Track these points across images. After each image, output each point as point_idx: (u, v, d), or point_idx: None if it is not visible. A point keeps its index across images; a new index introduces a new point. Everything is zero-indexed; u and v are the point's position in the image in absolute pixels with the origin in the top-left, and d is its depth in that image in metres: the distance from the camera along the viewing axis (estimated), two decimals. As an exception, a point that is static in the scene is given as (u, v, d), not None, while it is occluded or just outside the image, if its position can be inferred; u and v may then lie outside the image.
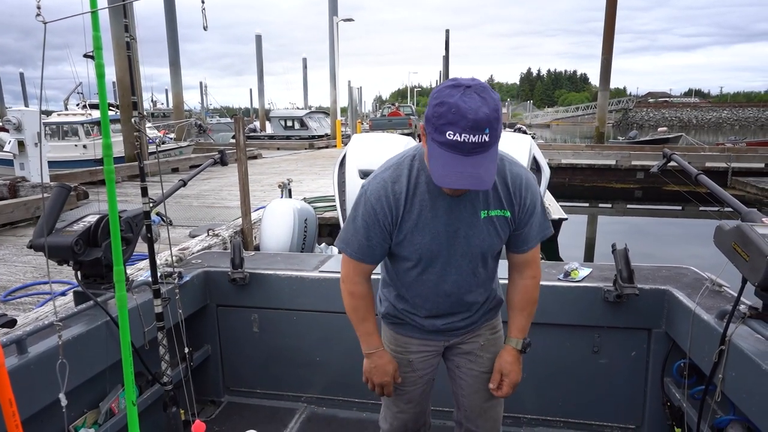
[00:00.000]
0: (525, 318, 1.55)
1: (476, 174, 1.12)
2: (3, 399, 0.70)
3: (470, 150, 1.11)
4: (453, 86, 1.13)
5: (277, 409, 2.63)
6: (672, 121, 58.10)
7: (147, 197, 1.46)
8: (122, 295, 0.97)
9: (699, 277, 2.25)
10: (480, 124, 1.09)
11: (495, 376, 1.55)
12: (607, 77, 20.16)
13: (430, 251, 1.40)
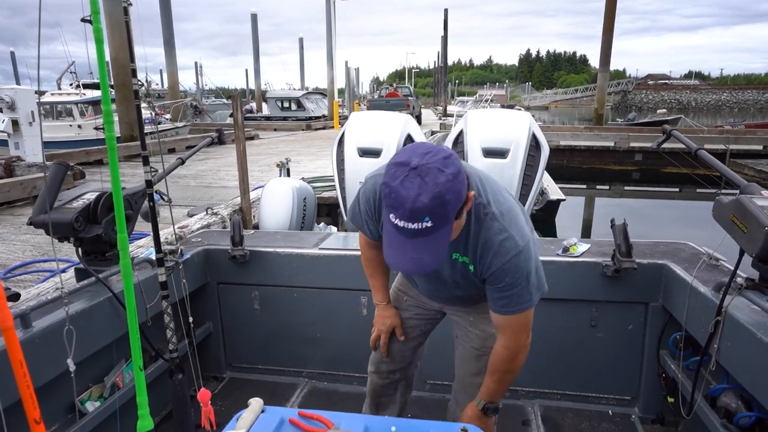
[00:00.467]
0: (493, 382, 1.49)
1: (417, 258, 1.12)
2: (14, 361, 0.71)
3: (412, 235, 1.09)
4: (400, 164, 1.09)
5: (279, 384, 2.67)
6: (671, 103, 57.90)
7: (149, 166, 1.45)
8: (126, 262, 0.97)
9: (696, 252, 2.28)
10: (417, 213, 1.05)
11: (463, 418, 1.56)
12: (607, 58, 20.00)
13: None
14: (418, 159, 1.08)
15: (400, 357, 1.82)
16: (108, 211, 1.99)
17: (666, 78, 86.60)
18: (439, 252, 1.12)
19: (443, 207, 1.07)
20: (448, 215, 1.09)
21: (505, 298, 1.33)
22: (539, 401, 2.47)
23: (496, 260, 1.28)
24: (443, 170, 1.07)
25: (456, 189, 1.08)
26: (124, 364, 2.08)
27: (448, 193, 1.06)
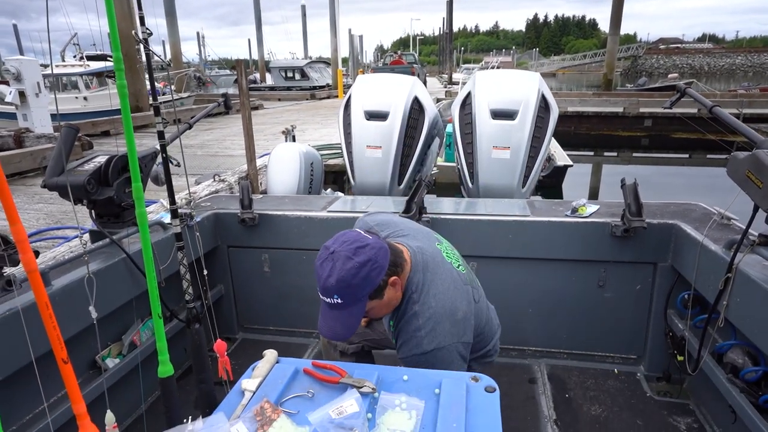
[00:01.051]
0: None
1: (332, 327, 1.31)
2: (40, 303, 0.73)
3: (329, 307, 1.29)
4: (325, 248, 1.30)
5: (290, 345, 2.73)
6: (683, 68, 56.44)
7: (160, 116, 1.44)
8: (142, 211, 0.99)
9: (707, 212, 2.27)
10: (328, 291, 1.26)
11: None
12: (617, 21, 19.44)
13: None
14: (336, 246, 1.28)
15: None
16: (119, 173, 2.01)
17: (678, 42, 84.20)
18: (350, 325, 1.30)
19: (349, 289, 1.25)
20: (356, 296, 1.27)
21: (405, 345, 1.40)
22: (545, 360, 2.52)
23: (403, 349, 1.39)
24: (351, 258, 1.26)
25: (363, 275, 1.26)
26: (140, 324, 2.13)
27: (353, 279, 1.25)
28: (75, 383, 0.77)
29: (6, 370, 1.47)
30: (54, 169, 1.95)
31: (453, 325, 1.39)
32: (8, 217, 0.69)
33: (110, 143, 9.09)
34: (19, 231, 0.68)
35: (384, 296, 1.34)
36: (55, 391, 1.72)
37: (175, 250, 1.80)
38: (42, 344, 1.18)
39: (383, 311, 1.40)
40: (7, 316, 1.46)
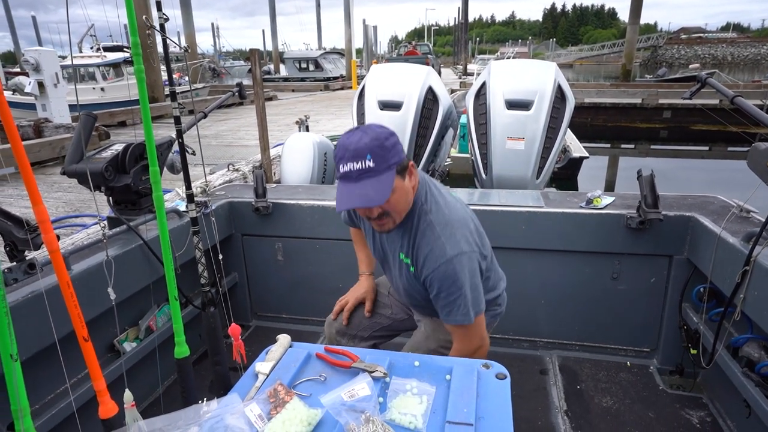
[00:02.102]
0: None
1: (363, 193, 1.25)
2: (61, 282, 0.76)
3: (358, 176, 1.25)
4: (347, 132, 1.32)
5: (302, 332, 2.76)
6: (705, 58, 55.12)
7: (177, 102, 1.46)
8: (159, 195, 1.00)
9: (726, 205, 2.23)
10: (360, 152, 1.24)
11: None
12: (637, 9, 19.03)
13: (375, 253, 1.64)
14: (363, 126, 1.31)
15: (355, 329, 1.83)
16: (136, 161, 2.04)
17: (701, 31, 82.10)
18: (382, 192, 1.26)
19: (382, 149, 1.25)
20: (387, 159, 1.26)
21: (445, 307, 1.39)
22: (557, 352, 2.51)
23: (427, 264, 1.38)
24: (382, 128, 1.30)
25: (394, 142, 1.29)
26: (156, 309, 2.18)
27: (386, 140, 1.26)
28: (95, 361, 0.80)
29: (28, 351, 1.52)
30: (73, 156, 1.99)
31: (470, 233, 1.41)
32: (31, 198, 0.71)
33: (127, 133, 9.21)
34: (42, 212, 0.70)
35: (406, 179, 1.34)
36: (76, 371, 1.77)
37: (190, 237, 1.83)
38: (63, 326, 1.21)
39: (401, 204, 1.35)
40: (30, 298, 1.50)
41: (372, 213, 1.33)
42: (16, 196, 4.87)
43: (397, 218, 1.38)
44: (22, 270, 1.44)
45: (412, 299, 1.59)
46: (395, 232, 1.46)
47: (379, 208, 1.31)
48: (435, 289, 1.39)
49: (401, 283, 1.54)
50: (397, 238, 1.47)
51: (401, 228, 1.44)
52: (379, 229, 1.41)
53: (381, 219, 1.36)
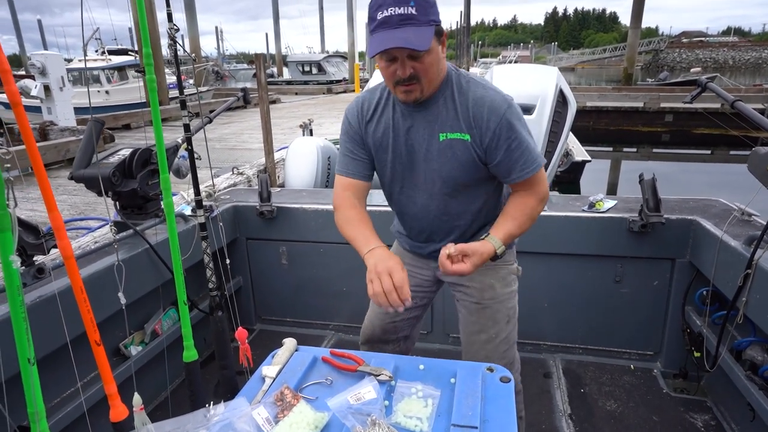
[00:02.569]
0: (513, 225, 1.38)
1: (403, 37, 1.15)
2: (75, 287, 0.77)
3: (398, 22, 1.16)
4: None
5: (307, 336, 2.77)
6: (707, 62, 55.11)
7: (186, 109, 1.49)
8: (169, 201, 1.02)
9: (727, 208, 2.24)
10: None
11: (459, 246, 1.29)
12: (639, 13, 19.05)
13: (394, 170, 1.43)
14: None
15: (394, 329, 1.68)
16: (142, 166, 2.06)
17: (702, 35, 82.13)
18: (423, 39, 1.17)
19: (425, 1, 1.18)
20: (429, 14, 1.18)
21: (521, 156, 1.31)
22: (561, 355, 2.52)
23: (492, 116, 1.28)
24: None
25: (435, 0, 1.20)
26: (162, 313, 2.20)
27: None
28: (107, 365, 0.81)
29: (38, 353, 1.54)
30: (81, 161, 2.01)
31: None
32: (47, 205, 0.72)
33: (131, 136, 9.26)
34: (57, 218, 0.72)
35: (440, 44, 1.26)
36: (85, 374, 1.79)
37: (196, 241, 1.85)
38: (72, 329, 1.23)
39: (433, 69, 1.25)
40: (38, 302, 1.52)
41: (404, 70, 1.22)
42: (21, 198, 4.91)
43: (426, 87, 1.27)
44: (31, 274, 1.46)
45: (451, 211, 1.43)
46: (429, 113, 1.33)
47: (411, 66, 1.21)
48: (506, 142, 1.29)
49: (442, 174, 1.36)
50: (433, 119, 1.33)
51: (436, 104, 1.33)
52: (404, 97, 1.28)
53: (410, 83, 1.24)
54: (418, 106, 1.34)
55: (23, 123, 0.71)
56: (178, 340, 2.05)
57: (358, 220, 1.40)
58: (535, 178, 1.37)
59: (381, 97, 1.43)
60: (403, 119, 1.38)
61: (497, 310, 1.55)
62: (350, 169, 1.46)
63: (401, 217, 1.57)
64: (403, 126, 1.38)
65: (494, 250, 1.34)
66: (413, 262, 1.63)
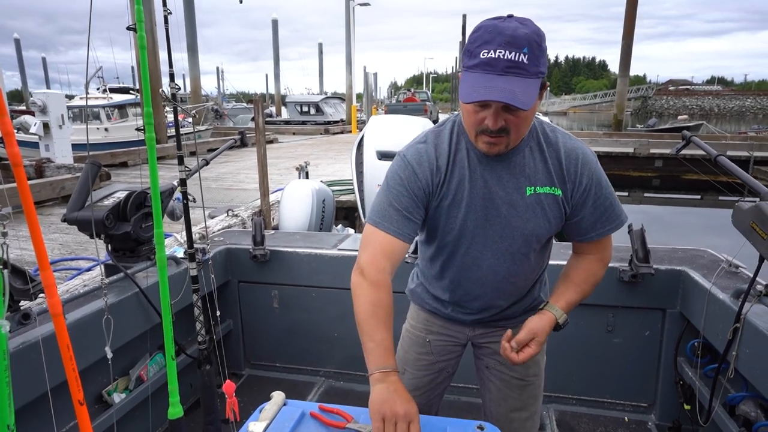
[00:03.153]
0: (576, 294, 1.31)
1: (508, 89, 1.00)
2: (62, 345, 0.77)
3: (505, 68, 1.01)
4: (493, 18, 1.07)
5: (297, 382, 2.72)
6: (693, 109, 56.83)
7: (183, 165, 1.51)
8: (162, 256, 1.03)
9: (715, 259, 2.26)
10: (518, 40, 1.00)
11: (522, 334, 1.22)
12: (627, 63, 19.78)
13: (464, 228, 1.25)
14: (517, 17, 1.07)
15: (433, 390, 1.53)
16: (137, 209, 2.07)
17: (688, 84, 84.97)
18: (529, 95, 1.02)
19: (540, 48, 1.04)
20: (539, 64, 1.04)
21: (605, 214, 1.25)
22: (554, 405, 2.47)
23: (585, 169, 1.21)
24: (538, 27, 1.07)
25: (545, 48, 1.07)
26: (148, 358, 2.15)
27: (543, 41, 1.05)
28: (89, 425, 0.80)
29: (17, 402, 1.50)
30: (75, 203, 2.02)
31: None
32: (39, 263, 0.73)
33: (128, 174, 9.31)
34: (48, 276, 0.73)
35: (540, 97, 1.12)
36: (63, 423, 1.73)
37: (187, 285, 1.83)
38: (54, 378, 1.21)
39: (526, 124, 1.13)
40: (21, 349, 1.49)
41: (495, 121, 1.07)
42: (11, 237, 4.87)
43: (512, 141, 1.14)
44: (16, 320, 1.44)
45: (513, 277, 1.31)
46: (512, 164, 1.20)
47: (504, 118, 1.07)
48: (599, 194, 1.22)
49: (525, 231, 1.24)
50: (518, 171, 1.20)
51: (521, 153, 1.20)
52: (486, 148, 1.14)
53: (497, 136, 1.10)
54: (501, 156, 1.19)
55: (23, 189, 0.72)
56: (163, 387, 2.01)
57: (384, 314, 1.17)
58: (610, 238, 1.32)
59: (452, 142, 1.24)
60: (482, 167, 1.22)
61: (538, 386, 1.47)
62: (402, 228, 1.20)
63: (456, 282, 1.36)
64: (481, 176, 1.22)
65: (556, 321, 1.27)
66: (445, 329, 1.46)
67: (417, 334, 1.51)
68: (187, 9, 19.96)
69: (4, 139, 0.68)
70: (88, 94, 14.18)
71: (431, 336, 1.48)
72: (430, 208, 1.26)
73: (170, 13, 1.37)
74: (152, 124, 1.07)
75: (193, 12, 20.09)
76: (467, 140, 1.22)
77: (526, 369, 1.43)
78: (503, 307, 1.39)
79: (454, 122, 1.27)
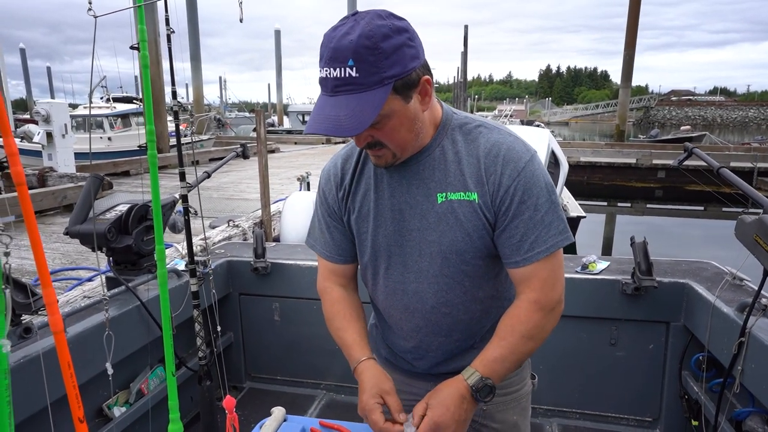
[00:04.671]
0: (500, 349, 1.04)
1: (333, 117, 0.89)
2: (62, 363, 0.77)
3: (333, 88, 0.89)
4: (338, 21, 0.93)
5: (297, 396, 2.70)
6: (695, 119, 56.95)
7: (185, 181, 1.52)
8: (163, 272, 1.03)
9: (719, 271, 2.25)
10: (340, 53, 0.86)
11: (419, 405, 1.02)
12: (629, 73, 19.87)
13: (375, 244, 1.11)
14: (362, 12, 0.91)
15: None
16: (139, 222, 2.08)
17: (690, 94, 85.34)
18: (363, 116, 0.88)
19: (373, 54, 0.86)
20: (379, 71, 0.87)
21: (531, 231, 1.00)
22: (557, 420, 2.45)
23: (507, 169, 0.99)
24: (384, 18, 0.89)
25: (395, 43, 0.88)
26: (149, 372, 2.14)
27: (382, 41, 0.87)
28: (88, 443, 0.79)
29: (17, 417, 1.49)
30: (77, 216, 2.03)
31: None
32: (41, 281, 0.73)
33: (130, 183, 9.35)
34: (50, 294, 0.72)
35: (412, 101, 0.94)
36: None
37: (188, 298, 1.83)
38: (54, 392, 1.20)
39: (401, 134, 0.97)
40: (22, 363, 1.49)
41: (358, 140, 0.98)
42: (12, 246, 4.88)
43: (397, 150, 0.99)
44: (17, 335, 1.44)
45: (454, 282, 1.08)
46: (421, 168, 1.05)
47: (368, 134, 0.95)
48: (524, 204, 0.99)
49: (442, 247, 1.05)
50: (428, 175, 1.04)
51: (430, 156, 1.04)
52: (375, 161, 1.03)
53: (375, 149, 0.99)
54: (408, 160, 1.05)
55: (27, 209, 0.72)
56: (163, 401, 1.99)
57: (341, 318, 1.17)
58: (551, 264, 1.03)
59: (360, 158, 1.13)
60: (388, 176, 1.08)
61: None
62: (331, 251, 1.18)
63: (387, 312, 1.19)
64: (388, 185, 1.08)
65: (463, 383, 1.01)
66: (406, 384, 1.24)
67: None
68: (191, 20, 20.17)
69: (8, 159, 0.69)
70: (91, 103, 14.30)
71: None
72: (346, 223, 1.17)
73: (173, 32, 1.38)
74: (154, 141, 1.08)
75: (196, 23, 20.31)
76: None
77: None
78: (449, 342, 1.16)
79: None
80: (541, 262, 1.02)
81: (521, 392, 1.25)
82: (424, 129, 1.01)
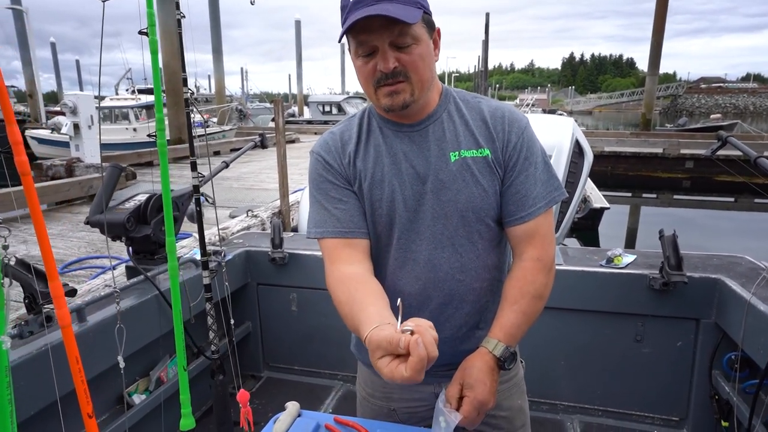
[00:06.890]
0: (514, 314, 1.04)
1: (381, 7, 0.90)
2: (70, 357, 0.75)
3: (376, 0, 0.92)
4: None
5: (315, 386, 2.70)
6: (726, 107, 55.02)
7: (196, 171, 1.50)
8: (174, 265, 1.01)
9: (754, 267, 2.15)
10: None
11: (452, 388, 1.00)
12: (656, 60, 19.24)
13: (392, 211, 1.08)
14: None
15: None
16: (157, 212, 2.08)
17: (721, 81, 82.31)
18: (409, 12, 0.92)
19: None
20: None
21: (533, 186, 1.05)
22: (579, 416, 2.39)
23: (513, 128, 1.06)
24: None
25: None
26: (168, 360, 2.16)
27: None
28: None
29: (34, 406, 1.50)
30: (98, 206, 2.04)
31: None
32: (48, 274, 0.71)
33: (153, 173, 9.48)
34: (57, 287, 0.71)
35: (432, 38, 1.01)
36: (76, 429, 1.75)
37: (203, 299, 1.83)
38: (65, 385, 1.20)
39: (424, 64, 0.99)
40: (43, 351, 1.50)
41: (386, 61, 0.96)
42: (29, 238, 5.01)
43: (417, 87, 1.00)
44: (38, 323, 1.45)
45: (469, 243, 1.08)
46: (431, 131, 1.07)
47: (395, 57, 0.95)
48: (528, 160, 1.05)
49: (458, 205, 1.06)
50: (438, 136, 1.07)
51: (439, 119, 1.08)
52: (390, 101, 1.00)
53: (395, 81, 0.98)
54: (415, 125, 1.08)
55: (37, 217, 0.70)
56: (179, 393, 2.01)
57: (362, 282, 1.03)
58: (546, 221, 1.08)
59: (362, 123, 1.14)
60: (398, 140, 1.08)
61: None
62: (346, 225, 1.08)
63: (394, 287, 1.12)
64: (400, 149, 1.08)
65: (490, 355, 1.01)
66: (409, 392, 1.22)
67: (377, 403, 1.29)
68: (212, 11, 20.28)
69: (13, 148, 0.67)
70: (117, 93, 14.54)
71: (394, 404, 1.26)
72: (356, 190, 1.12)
73: (183, 17, 1.35)
74: (164, 130, 1.05)
75: (218, 14, 20.41)
76: (379, 119, 1.12)
77: (511, 422, 1.21)
78: (459, 328, 1.13)
79: (364, 109, 1.17)
80: (541, 216, 1.07)
81: (519, 375, 1.26)
82: (433, 78, 1.05)
